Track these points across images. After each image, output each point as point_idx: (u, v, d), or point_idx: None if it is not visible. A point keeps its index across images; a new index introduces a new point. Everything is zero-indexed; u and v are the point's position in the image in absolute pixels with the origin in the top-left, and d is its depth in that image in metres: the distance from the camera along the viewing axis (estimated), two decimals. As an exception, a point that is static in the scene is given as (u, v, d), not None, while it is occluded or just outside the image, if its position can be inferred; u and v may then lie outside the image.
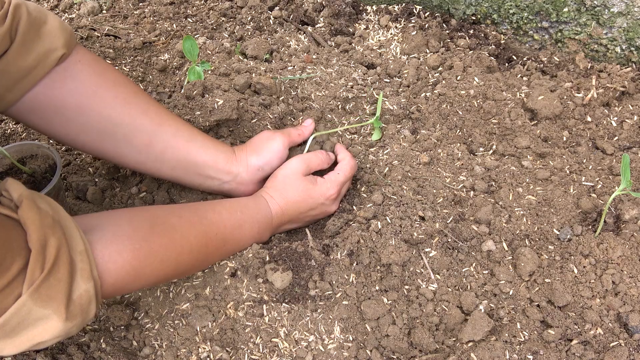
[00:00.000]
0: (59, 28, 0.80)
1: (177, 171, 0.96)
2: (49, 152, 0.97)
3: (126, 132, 0.88)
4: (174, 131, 0.92)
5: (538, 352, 0.85)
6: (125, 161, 0.93)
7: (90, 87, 0.85)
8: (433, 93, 1.22)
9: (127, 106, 0.88)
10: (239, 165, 0.99)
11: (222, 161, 0.97)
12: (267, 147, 1.00)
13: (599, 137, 1.15)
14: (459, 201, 1.02)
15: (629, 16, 1.19)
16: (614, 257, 0.91)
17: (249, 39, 1.40)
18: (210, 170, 0.97)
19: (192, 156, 0.94)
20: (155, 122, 0.90)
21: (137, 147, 0.90)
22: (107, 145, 0.89)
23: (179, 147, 0.93)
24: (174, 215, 0.83)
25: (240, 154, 1.00)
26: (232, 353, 0.87)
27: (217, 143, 0.99)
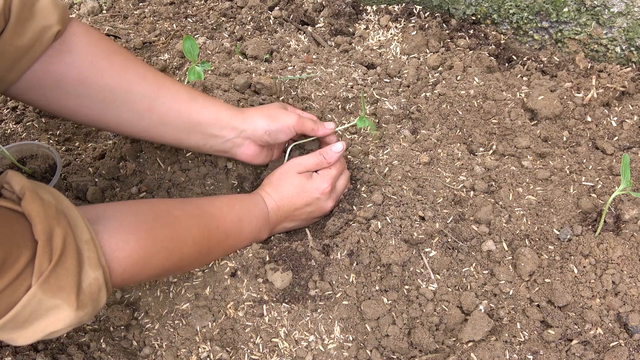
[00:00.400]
0: (52, 4, 0.80)
1: (181, 133, 0.95)
2: (49, 152, 0.97)
3: (126, 99, 0.88)
4: (174, 93, 0.92)
5: (538, 352, 0.85)
6: (127, 129, 0.93)
7: (87, 59, 0.85)
8: (433, 93, 1.22)
9: (124, 73, 0.87)
10: (244, 123, 0.97)
11: (226, 117, 0.96)
12: (280, 117, 0.99)
13: (599, 137, 1.15)
14: (459, 201, 1.02)
15: (629, 16, 1.19)
16: (614, 257, 0.91)
17: (249, 39, 1.40)
18: (214, 127, 0.96)
19: (194, 116, 0.94)
20: (154, 87, 0.90)
21: (139, 113, 0.90)
22: (109, 114, 0.89)
23: (181, 109, 0.92)
24: (176, 208, 0.85)
25: (250, 113, 0.99)
26: (232, 353, 0.87)
27: (219, 102, 0.98)
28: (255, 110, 1.00)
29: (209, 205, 0.90)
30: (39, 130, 1.22)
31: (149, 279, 0.82)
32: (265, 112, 1.00)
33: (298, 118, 0.99)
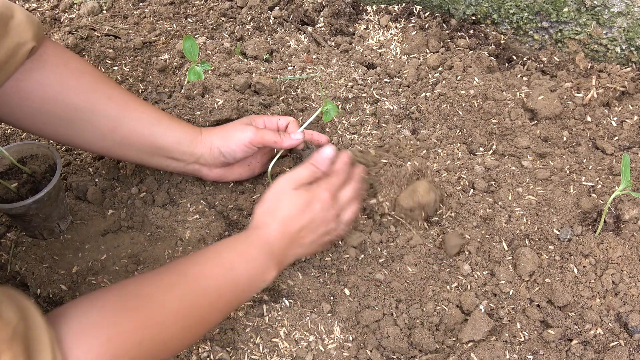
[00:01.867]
0: (26, 21, 0.79)
1: (142, 155, 0.95)
2: (49, 152, 0.97)
3: (90, 119, 0.88)
4: (139, 116, 0.92)
5: (538, 352, 0.85)
6: (91, 147, 0.94)
7: (56, 77, 0.85)
8: (433, 93, 1.22)
9: (91, 93, 0.88)
10: (202, 147, 0.97)
11: (186, 143, 0.96)
12: (234, 134, 0.97)
13: (599, 137, 1.15)
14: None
15: (629, 16, 1.19)
16: (614, 257, 0.91)
17: (249, 39, 1.40)
18: (175, 152, 0.96)
19: (157, 140, 0.93)
20: (119, 108, 0.90)
21: (103, 133, 0.90)
22: (73, 133, 0.89)
23: (144, 132, 0.92)
24: (147, 284, 0.73)
25: (206, 135, 0.98)
26: (232, 353, 0.87)
27: (183, 125, 0.97)
28: (213, 132, 0.98)
29: (189, 265, 0.78)
30: (39, 130, 1.21)
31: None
32: (221, 132, 0.98)
33: (254, 133, 0.95)
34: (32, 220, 0.94)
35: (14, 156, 0.96)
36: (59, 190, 0.95)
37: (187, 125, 0.98)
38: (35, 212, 0.92)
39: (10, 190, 0.92)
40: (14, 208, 0.89)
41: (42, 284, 0.92)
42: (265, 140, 0.96)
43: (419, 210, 0.97)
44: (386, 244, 0.98)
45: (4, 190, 0.92)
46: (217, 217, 1.04)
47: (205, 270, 0.77)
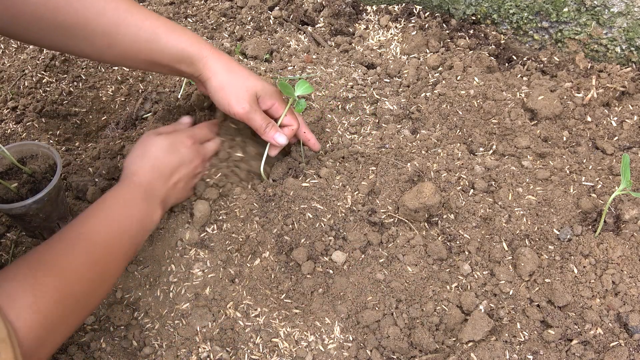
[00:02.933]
0: None
1: (144, 67, 0.96)
2: (49, 152, 0.97)
3: (84, 35, 0.87)
4: (134, 32, 0.89)
5: (538, 352, 0.85)
6: (91, 58, 0.97)
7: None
8: (433, 93, 1.22)
9: (81, 10, 0.85)
10: (206, 71, 0.96)
11: (187, 62, 0.94)
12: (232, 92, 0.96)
13: (599, 137, 1.15)
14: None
15: (629, 16, 1.19)
16: (614, 257, 0.91)
17: (249, 39, 1.40)
18: (175, 70, 0.96)
19: (154, 57, 0.92)
20: (112, 24, 0.87)
21: (99, 48, 0.89)
22: (69, 46, 0.89)
23: (140, 48, 0.90)
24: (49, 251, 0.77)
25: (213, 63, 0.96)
26: (232, 353, 0.87)
27: (182, 39, 0.93)
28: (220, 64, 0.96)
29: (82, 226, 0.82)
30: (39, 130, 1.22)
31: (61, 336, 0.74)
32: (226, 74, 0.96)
33: (245, 111, 0.95)
34: (32, 220, 0.94)
35: (14, 156, 0.96)
36: (59, 190, 0.95)
37: (187, 39, 0.94)
38: (36, 212, 0.92)
39: (10, 190, 0.92)
40: (14, 208, 0.89)
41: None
42: (252, 123, 0.98)
43: (424, 211, 0.97)
44: (386, 245, 0.98)
45: (4, 190, 0.92)
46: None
47: (95, 227, 0.82)
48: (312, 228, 0.99)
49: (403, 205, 0.99)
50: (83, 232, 0.80)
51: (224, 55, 0.97)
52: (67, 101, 1.30)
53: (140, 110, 1.26)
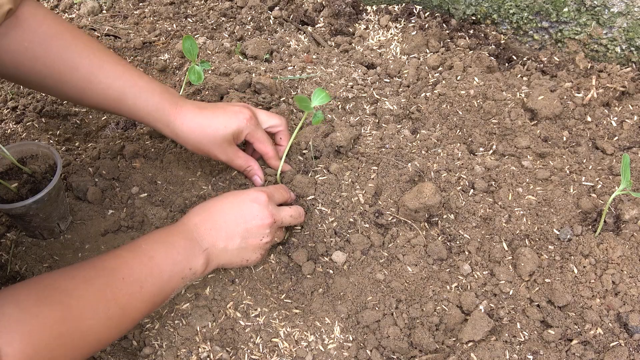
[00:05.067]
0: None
1: (121, 113, 0.96)
2: (49, 152, 0.97)
3: (59, 85, 0.90)
4: (111, 79, 0.91)
5: (538, 352, 0.85)
6: (71, 100, 0.97)
7: (30, 39, 0.85)
8: (433, 93, 1.22)
9: (64, 54, 0.88)
10: (178, 123, 0.95)
11: (159, 113, 0.94)
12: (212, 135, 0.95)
13: (599, 137, 1.15)
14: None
15: (629, 16, 1.19)
16: (614, 257, 0.91)
17: (249, 39, 1.40)
18: (148, 119, 0.95)
19: (129, 105, 0.93)
20: (91, 69, 0.90)
21: (77, 90, 0.91)
22: (51, 87, 0.91)
23: (114, 96, 0.92)
24: (65, 278, 0.72)
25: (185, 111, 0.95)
26: (232, 353, 0.87)
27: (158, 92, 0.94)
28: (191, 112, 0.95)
29: (108, 259, 0.77)
30: (39, 130, 1.22)
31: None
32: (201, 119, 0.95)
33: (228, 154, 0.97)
34: (32, 220, 0.94)
35: (14, 156, 0.96)
36: (59, 190, 0.95)
37: (158, 104, 0.93)
38: (36, 212, 0.92)
39: (10, 190, 0.92)
40: (14, 208, 0.89)
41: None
42: (234, 166, 1.00)
43: (424, 211, 0.97)
44: (386, 245, 0.98)
45: (4, 190, 0.92)
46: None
47: (124, 262, 0.76)
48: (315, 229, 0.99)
49: (403, 205, 0.99)
50: (107, 267, 0.75)
51: (190, 111, 0.95)
52: (67, 101, 1.30)
53: (140, 110, 1.26)
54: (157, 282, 0.78)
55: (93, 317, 0.70)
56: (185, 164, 1.11)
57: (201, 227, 0.85)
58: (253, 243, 0.88)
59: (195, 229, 0.85)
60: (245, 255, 0.89)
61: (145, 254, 0.78)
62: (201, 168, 1.11)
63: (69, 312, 0.68)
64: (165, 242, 0.81)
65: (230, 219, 0.86)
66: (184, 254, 0.82)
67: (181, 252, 0.81)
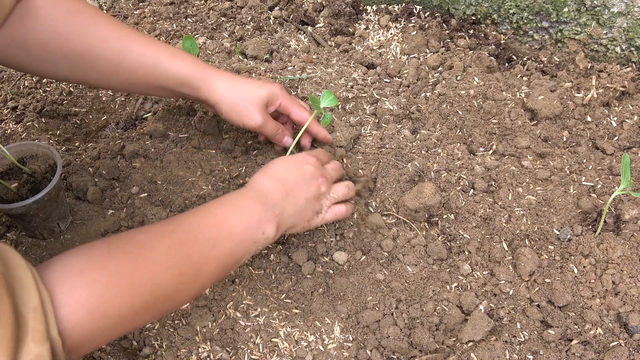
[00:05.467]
0: None
1: (150, 91, 0.97)
2: (49, 152, 0.97)
3: (89, 62, 0.88)
4: (137, 56, 0.90)
5: (538, 352, 0.85)
6: (97, 86, 0.97)
7: (47, 24, 0.83)
8: (433, 93, 1.22)
9: (85, 37, 0.86)
10: (210, 94, 0.97)
11: (191, 85, 0.95)
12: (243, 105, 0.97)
13: (599, 137, 1.15)
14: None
15: (629, 16, 1.19)
16: (614, 257, 0.91)
17: (249, 39, 1.40)
18: (179, 93, 0.97)
19: (159, 80, 0.93)
20: (117, 50, 0.89)
21: (104, 74, 0.90)
22: (76, 75, 0.90)
23: (144, 72, 0.92)
24: (140, 232, 0.71)
25: (217, 82, 0.96)
26: (232, 353, 0.87)
27: (188, 64, 0.95)
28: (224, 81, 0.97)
29: (182, 218, 0.76)
30: (39, 130, 1.22)
31: (120, 331, 0.64)
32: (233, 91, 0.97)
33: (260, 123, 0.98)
34: (32, 220, 0.94)
35: (14, 156, 0.96)
36: (59, 190, 0.95)
37: (192, 65, 0.95)
38: (36, 212, 0.92)
39: (10, 190, 0.93)
40: (14, 208, 0.89)
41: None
42: (265, 132, 1.01)
43: (424, 211, 0.97)
44: (386, 244, 0.98)
45: (4, 190, 0.92)
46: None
47: (197, 221, 0.75)
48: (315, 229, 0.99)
49: (403, 205, 0.99)
50: (181, 224, 0.74)
51: (225, 74, 0.98)
52: (67, 101, 1.30)
53: (140, 110, 1.26)
54: (229, 244, 0.76)
55: (165, 272, 0.67)
56: (185, 164, 1.11)
57: (274, 192, 0.85)
58: (312, 203, 0.90)
59: (268, 194, 0.84)
60: (307, 215, 0.90)
61: (218, 216, 0.78)
62: (201, 168, 1.11)
63: (141, 263, 0.65)
64: (239, 206, 0.81)
65: (295, 182, 0.88)
66: (258, 218, 0.80)
67: (254, 216, 0.80)
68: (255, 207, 0.81)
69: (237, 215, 0.79)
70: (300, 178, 0.89)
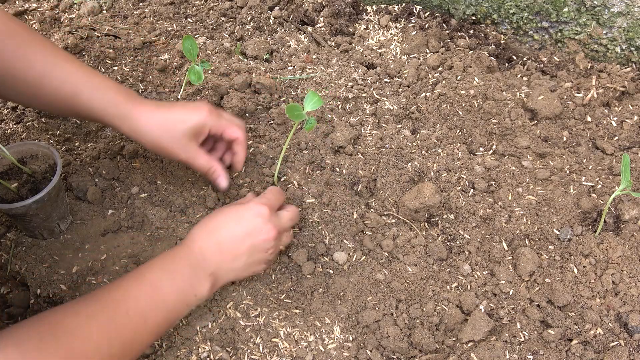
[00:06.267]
0: None
1: (75, 115, 0.95)
2: (49, 152, 0.97)
3: (13, 84, 0.87)
4: (58, 86, 0.88)
5: (538, 352, 0.85)
6: (18, 103, 0.97)
7: None
8: (433, 93, 1.22)
9: (13, 61, 0.86)
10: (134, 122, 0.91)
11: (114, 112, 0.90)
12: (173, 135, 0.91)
13: (599, 137, 1.15)
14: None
15: (629, 16, 1.19)
16: (614, 257, 0.91)
17: (249, 39, 1.40)
18: (104, 119, 0.91)
19: (82, 104, 0.90)
20: (39, 75, 0.87)
21: (27, 95, 0.89)
22: (3, 92, 0.89)
23: (66, 96, 0.89)
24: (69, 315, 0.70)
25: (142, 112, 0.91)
26: (232, 353, 0.87)
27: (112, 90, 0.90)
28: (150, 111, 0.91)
29: (111, 291, 0.74)
30: (39, 130, 1.21)
31: None
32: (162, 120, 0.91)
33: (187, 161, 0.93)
34: (32, 220, 0.94)
35: (14, 156, 0.96)
36: (59, 190, 0.95)
37: (113, 100, 0.90)
38: (36, 212, 0.92)
39: (10, 190, 0.92)
40: (14, 208, 0.89)
41: (42, 284, 0.92)
42: (196, 168, 0.95)
43: (424, 211, 0.97)
44: (386, 245, 0.98)
45: (4, 190, 0.92)
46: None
47: (127, 294, 0.74)
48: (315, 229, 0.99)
49: (403, 205, 0.99)
50: (110, 300, 0.73)
51: (149, 107, 0.92)
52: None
53: (140, 110, 1.26)
54: (162, 313, 0.77)
55: (96, 356, 0.68)
56: (185, 164, 1.11)
57: (207, 251, 0.83)
58: (259, 257, 0.87)
59: (200, 253, 0.83)
60: (252, 269, 0.88)
61: (149, 284, 0.77)
62: (201, 168, 1.11)
63: (72, 352, 0.66)
64: (169, 270, 0.80)
65: (235, 238, 0.85)
66: (189, 281, 0.80)
67: (186, 280, 0.80)
68: (185, 270, 0.80)
69: (168, 280, 0.78)
70: (244, 234, 0.85)
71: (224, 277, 0.85)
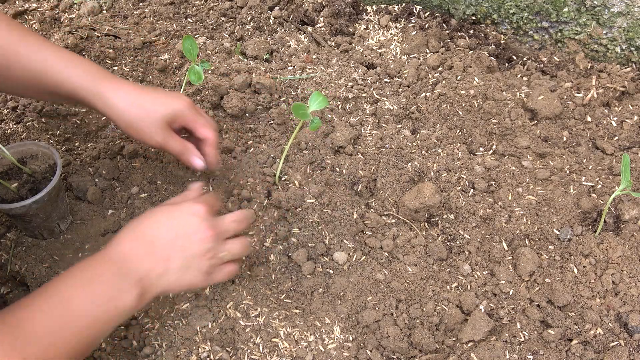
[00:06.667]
0: None
1: (45, 96, 0.91)
2: (49, 152, 0.97)
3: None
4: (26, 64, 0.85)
5: (538, 352, 0.85)
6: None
7: None
8: (433, 93, 1.22)
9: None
10: (108, 101, 0.87)
11: (87, 88, 0.86)
12: (145, 119, 0.87)
13: (599, 137, 1.15)
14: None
15: (629, 16, 1.19)
16: (614, 257, 0.91)
17: (249, 39, 1.40)
18: (76, 96, 0.88)
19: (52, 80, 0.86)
20: (4, 55, 0.83)
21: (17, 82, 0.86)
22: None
23: (33, 81, 0.86)
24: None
25: (116, 91, 0.87)
26: (232, 353, 0.87)
27: (85, 67, 0.87)
28: (124, 91, 0.88)
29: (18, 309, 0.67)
30: (39, 130, 1.21)
31: None
32: (135, 100, 0.87)
33: (164, 137, 0.89)
34: (32, 220, 0.94)
35: (14, 156, 0.96)
36: (59, 190, 0.95)
37: (84, 76, 0.87)
38: (36, 212, 0.92)
39: (10, 190, 0.92)
40: (14, 208, 0.89)
41: (42, 284, 0.92)
42: (170, 151, 0.91)
43: (424, 211, 0.97)
44: (386, 244, 0.98)
45: (4, 190, 0.92)
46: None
47: (33, 312, 0.66)
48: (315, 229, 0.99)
49: (403, 205, 0.99)
50: (22, 317, 0.65)
51: (126, 86, 0.89)
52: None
53: (140, 110, 1.26)
54: (75, 332, 0.67)
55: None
56: (185, 164, 1.11)
57: (132, 255, 0.74)
58: (197, 263, 0.78)
59: (124, 259, 0.74)
60: (189, 277, 0.78)
61: (59, 298, 0.68)
62: (201, 168, 1.11)
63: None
64: (86, 280, 0.70)
65: (167, 238, 0.76)
66: (110, 292, 0.71)
67: (106, 290, 0.70)
68: (104, 279, 0.71)
69: (82, 292, 0.69)
70: (177, 235, 0.76)
71: (156, 285, 0.75)
